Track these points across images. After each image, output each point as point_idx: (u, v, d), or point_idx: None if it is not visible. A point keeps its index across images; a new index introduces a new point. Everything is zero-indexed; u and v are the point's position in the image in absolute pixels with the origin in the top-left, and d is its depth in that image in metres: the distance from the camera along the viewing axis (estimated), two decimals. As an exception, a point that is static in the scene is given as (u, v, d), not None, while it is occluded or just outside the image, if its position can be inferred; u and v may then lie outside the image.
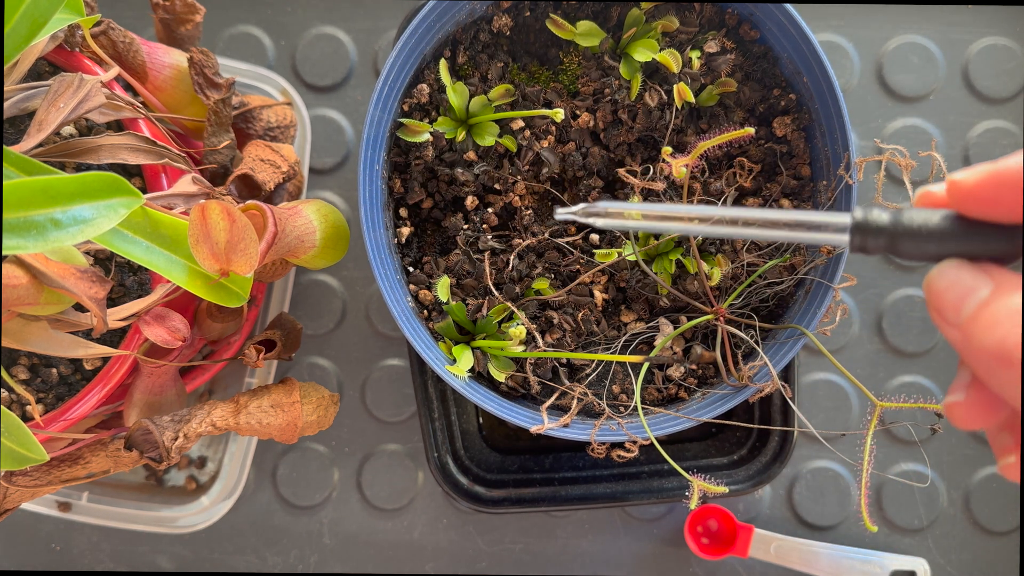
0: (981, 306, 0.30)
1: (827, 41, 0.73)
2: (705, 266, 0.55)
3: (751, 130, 0.47)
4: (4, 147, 0.39)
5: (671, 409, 0.55)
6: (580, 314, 0.57)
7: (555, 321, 0.56)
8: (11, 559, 0.72)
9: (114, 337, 0.53)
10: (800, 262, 0.56)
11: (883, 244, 0.31)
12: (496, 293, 0.56)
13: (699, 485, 0.49)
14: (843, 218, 0.31)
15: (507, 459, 0.67)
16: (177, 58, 0.56)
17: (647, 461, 0.66)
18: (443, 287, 0.56)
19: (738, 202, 0.58)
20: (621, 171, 0.54)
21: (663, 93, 0.56)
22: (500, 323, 0.56)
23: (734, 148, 0.58)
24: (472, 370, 0.56)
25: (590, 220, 0.35)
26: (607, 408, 0.55)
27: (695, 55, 0.56)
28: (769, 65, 0.58)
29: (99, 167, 0.51)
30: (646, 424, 0.53)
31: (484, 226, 0.58)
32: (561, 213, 0.37)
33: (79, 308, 0.46)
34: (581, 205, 0.36)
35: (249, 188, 0.55)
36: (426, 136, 0.56)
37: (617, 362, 0.56)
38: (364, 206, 0.54)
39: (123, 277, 0.53)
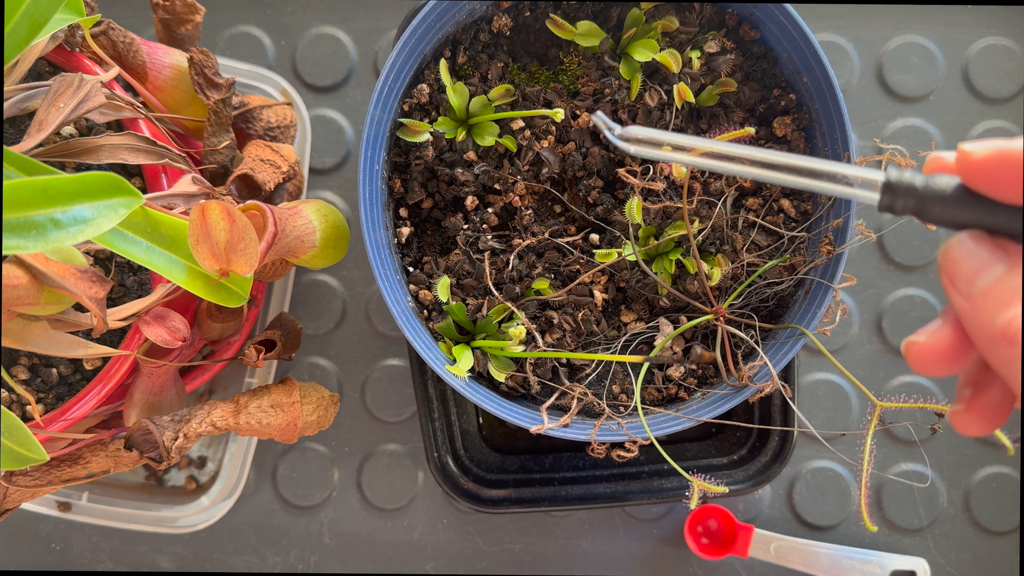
0: (995, 283, 0.30)
1: (827, 41, 0.73)
2: (705, 266, 0.55)
3: (751, 130, 0.47)
4: (4, 147, 0.39)
5: (671, 409, 0.55)
6: (580, 314, 0.57)
7: (555, 321, 0.56)
8: (11, 559, 0.72)
9: (114, 337, 0.53)
10: (800, 262, 0.56)
11: (912, 206, 0.31)
12: (496, 293, 0.56)
13: (699, 485, 0.49)
14: (876, 175, 0.32)
15: (507, 459, 0.67)
16: (177, 58, 0.56)
17: (647, 461, 0.66)
18: (443, 287, 0.56)
19: (738, 202, 0.58)
20: (621, 171, 0.54)
21: (663, 93, 0.56)
22: (500, 323, 0.56)
23: (734, 148, 0.58)
24: (472, 370, 0.56)
25: (624, 145, 0.34)
26: (607, 408, 0.55)
27: (695, 55, 0.56)
28: (769, 65, 0.58)
29: (99, 167, 0.51)
30: (646, 424, 0.53)
31: (484, 226, 0.58)
32: (599, 118, 0.36)
33: (79, 308, 0.46)
34: (619, 128, 0.34)
35: (249, 188, 0.55)
36: (426, 136, 0.56)
37: (617, 362, 0.56)
38: (364, 206, 0.54)
39: (123, 277, 0.53)
